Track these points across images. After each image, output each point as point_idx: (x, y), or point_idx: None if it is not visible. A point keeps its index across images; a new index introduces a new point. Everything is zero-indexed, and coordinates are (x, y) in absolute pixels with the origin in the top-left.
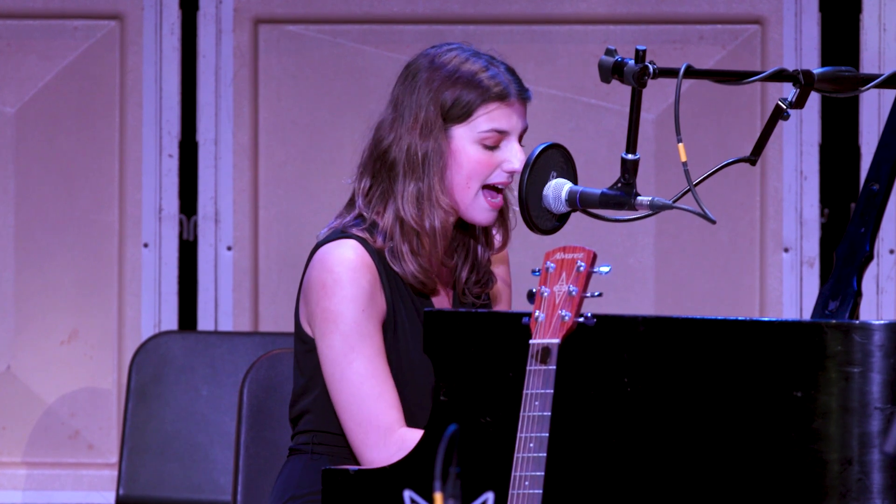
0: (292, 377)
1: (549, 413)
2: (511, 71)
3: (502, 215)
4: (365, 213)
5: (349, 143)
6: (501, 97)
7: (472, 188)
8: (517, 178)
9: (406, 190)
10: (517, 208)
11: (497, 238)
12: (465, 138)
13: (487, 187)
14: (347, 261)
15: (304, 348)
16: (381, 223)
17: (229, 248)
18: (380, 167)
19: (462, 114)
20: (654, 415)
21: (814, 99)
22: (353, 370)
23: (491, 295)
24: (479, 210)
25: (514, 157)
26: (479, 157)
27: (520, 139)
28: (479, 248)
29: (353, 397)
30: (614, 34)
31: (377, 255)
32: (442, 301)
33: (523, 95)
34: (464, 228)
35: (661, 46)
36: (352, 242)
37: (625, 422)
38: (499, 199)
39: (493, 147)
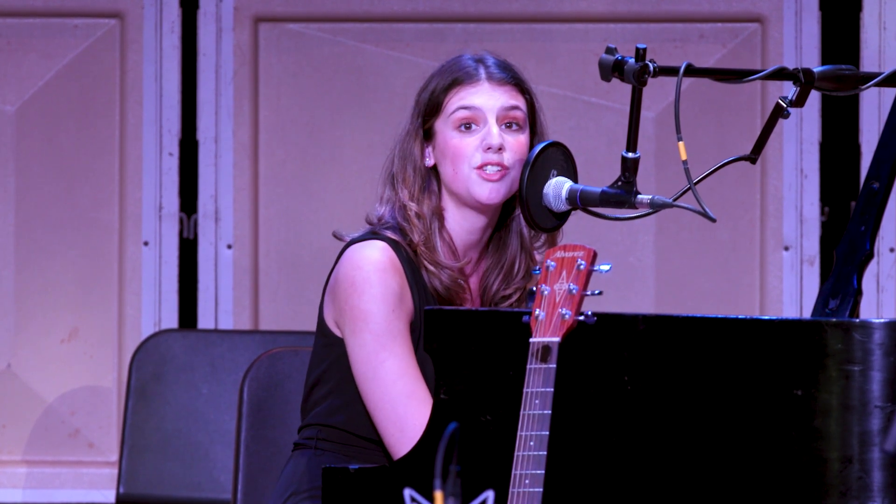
0: (295, 372)
1: (550, 411)
2: (501, 64)
3: (544, 237)
4: (388, 220)
5: (349, 142)
6: (467, 77)
7: (461, 174)
8: (514, 174)
9: (394, 201)
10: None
11: (539, 257)
12: (443, 129)
13: (478, 169)
14: (375, 261)
15: (323, 342)
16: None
17: (229, 247)
18: (390, 177)
19: (435, 105)
20: (655, 413)
21: (814, 97)
22: (386, 369)
23: None
24: (478, 185)
25: (489, 133)
26: (457, 141)
27: (510, 123)
28: (516, 261)
29: (386, 396)
30: (614, 33)
31: (406, 259)
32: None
33: (494, 76)
34: (503, 235)
35: (661, 45)
36: (380, 244)
37: (625, 420)
38: (495, 173)
39: (469, 129)
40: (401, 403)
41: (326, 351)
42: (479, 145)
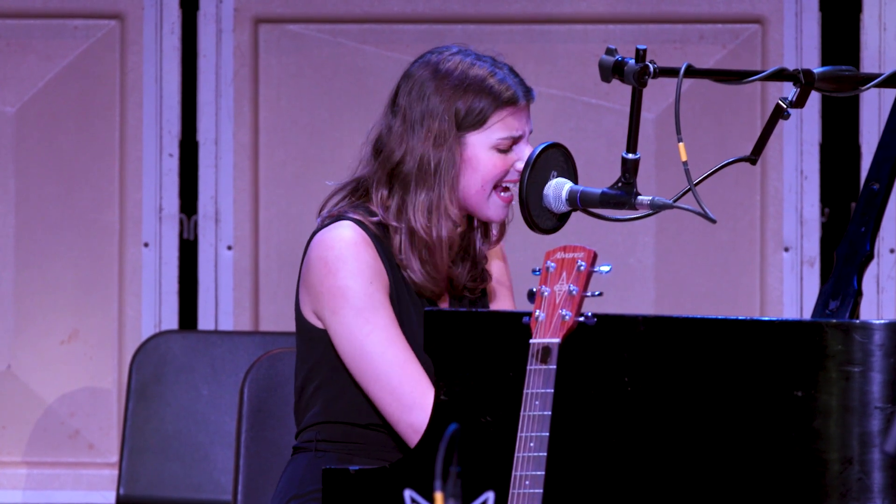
0: (293, 376)
1: (550, 412)
2: (514, 72)
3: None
4: (387, 221)
5: (349, 143)
6: (513, 101)
7: (486, 190)
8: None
9: (417, 200)
10: (515, 205)
11: (493, 232)
12: (479, 145)
13: (498, 186)
14: (347, 237)
15: (305, 339)
16: (396, 234)
17: (229, 248)
18: (394, 179)
19: (476, 121)
20: (655, 414)
21: (814, 98)
22: (372, 342)
23: (488, 292)
24: (495, 207)
25: (525, 157)
26: (495, 161)
27: None
28: (477, 243)
29: (378, 367)
30: (614, 34)
31: (376, 238)
32: (440, 300)
33: (530, 96)
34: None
35: (661, 46)
36: (348, 223)
37: (625, 421)
38: (510, 193)
39: (506, 150)
40: (394, 374)
41: (310, 348)
42: (511, 167)
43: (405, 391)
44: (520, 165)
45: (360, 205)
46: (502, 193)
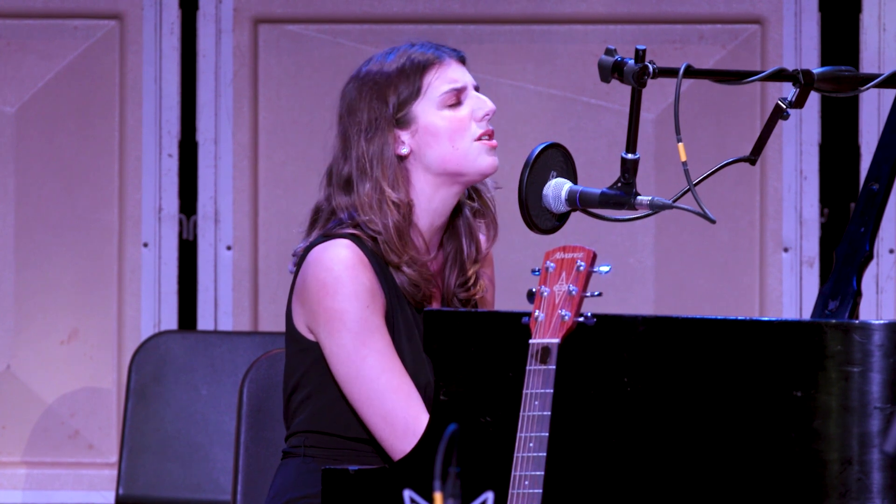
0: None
1: (549, 413)
2: (438, 44)
3: (489, 214)
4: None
5: None
6: (439, 59)
7: (460, 148)
8: (517, 175)
9: (361, 198)
10: (514, 207)
11: (482, 239)
12: (427, 111)
13: (478, 140)
14: (345, 258)
15: (296, 348)
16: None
17: (229, 248)
18: (346, 189)
19: (413, 91)
20: (654, 415)
21: (814, 98)
22: (368, 366)
23: (478, 298)
24: (482, 156)
25: (479, 103)
26: (450, 117)
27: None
28: (465, 249)
29: (373, 392)
30: (614, 34)
31: (372, 255)
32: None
33: (457, 55)
34: (449, 231)
35: (660, 46)
36: (344, 241)
37: (625, 421)
38: (493, 140)
39: (456, 104)
40: (388, 399)
41: (301, 356)
42: (470, 116)
43: (398, 417)
44: (479, 112)
45: (350, 224)
46: (483, 140)
